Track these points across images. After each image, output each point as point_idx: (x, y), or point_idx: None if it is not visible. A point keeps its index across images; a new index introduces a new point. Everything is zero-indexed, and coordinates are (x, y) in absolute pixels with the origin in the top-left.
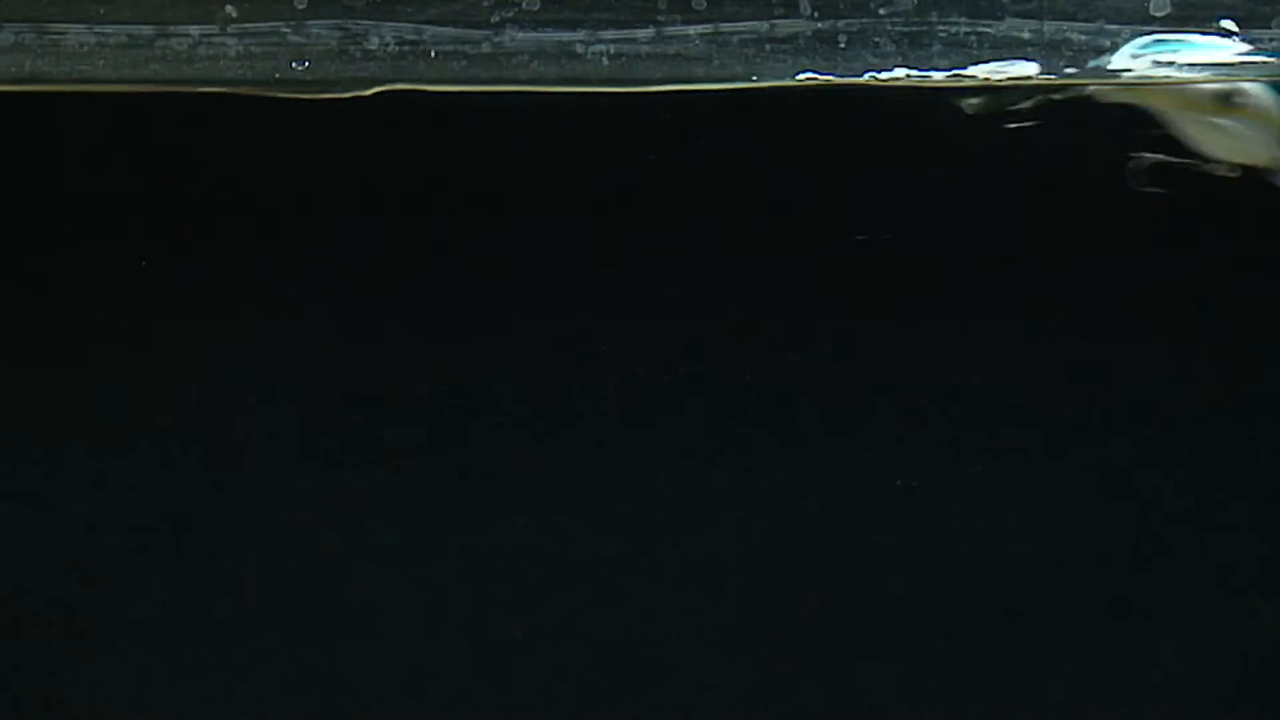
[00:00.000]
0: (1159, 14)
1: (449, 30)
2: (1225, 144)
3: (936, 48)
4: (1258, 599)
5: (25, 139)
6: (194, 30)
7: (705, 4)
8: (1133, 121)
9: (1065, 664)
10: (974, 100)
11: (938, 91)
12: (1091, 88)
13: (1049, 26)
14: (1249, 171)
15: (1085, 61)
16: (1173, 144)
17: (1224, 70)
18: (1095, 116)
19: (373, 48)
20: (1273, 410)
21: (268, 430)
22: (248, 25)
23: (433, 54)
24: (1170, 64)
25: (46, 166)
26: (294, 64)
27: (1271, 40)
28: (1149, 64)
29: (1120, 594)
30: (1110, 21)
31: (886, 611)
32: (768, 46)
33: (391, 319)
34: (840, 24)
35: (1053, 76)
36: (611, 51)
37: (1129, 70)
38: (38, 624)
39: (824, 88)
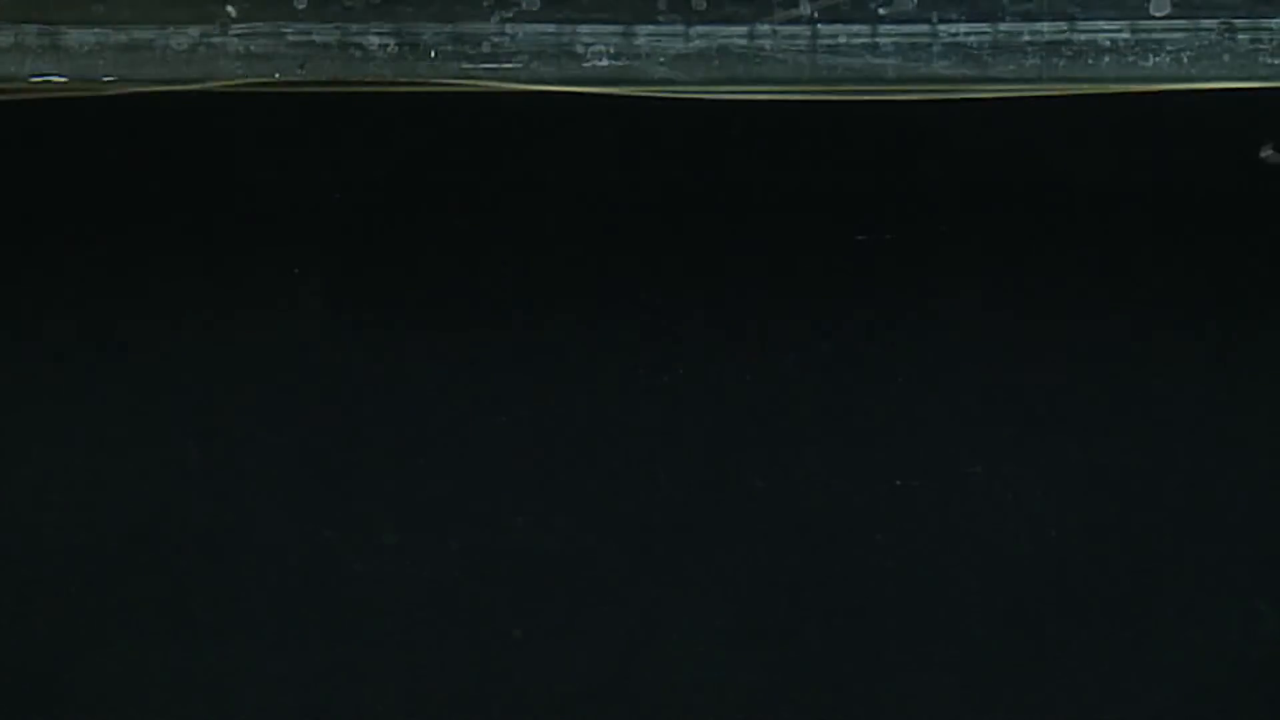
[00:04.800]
0: (1159, 14)
1: (449, 30)
2: None
3: (937, 49)
4: (1258, 599)
5: (24, 139)
6: (194, 30)
7: (705, 4)
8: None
9: (1065, 663)
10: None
11: (937, 97)
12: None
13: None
14: None
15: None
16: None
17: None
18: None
19: (373, 48)
20: (1273, 410)
21: (268, 430)
22: (247, 25)
23: (433, 54)
24: None
25: (46, 166)
26: (294, 64)
27: (1272, 40)
28: None
29: (1120, 594)
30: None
31: (886, 611)
32: (768, 47)
33: (392, 318)
34: (841, 25)
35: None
36: (611, 51)
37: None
38: (38, 624)
39: (822, 88)
